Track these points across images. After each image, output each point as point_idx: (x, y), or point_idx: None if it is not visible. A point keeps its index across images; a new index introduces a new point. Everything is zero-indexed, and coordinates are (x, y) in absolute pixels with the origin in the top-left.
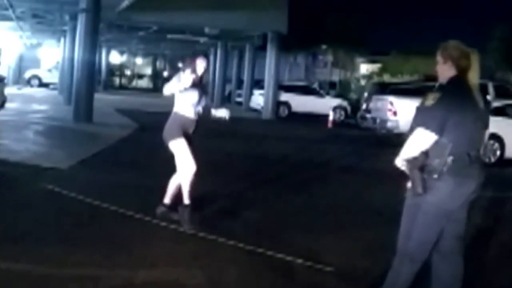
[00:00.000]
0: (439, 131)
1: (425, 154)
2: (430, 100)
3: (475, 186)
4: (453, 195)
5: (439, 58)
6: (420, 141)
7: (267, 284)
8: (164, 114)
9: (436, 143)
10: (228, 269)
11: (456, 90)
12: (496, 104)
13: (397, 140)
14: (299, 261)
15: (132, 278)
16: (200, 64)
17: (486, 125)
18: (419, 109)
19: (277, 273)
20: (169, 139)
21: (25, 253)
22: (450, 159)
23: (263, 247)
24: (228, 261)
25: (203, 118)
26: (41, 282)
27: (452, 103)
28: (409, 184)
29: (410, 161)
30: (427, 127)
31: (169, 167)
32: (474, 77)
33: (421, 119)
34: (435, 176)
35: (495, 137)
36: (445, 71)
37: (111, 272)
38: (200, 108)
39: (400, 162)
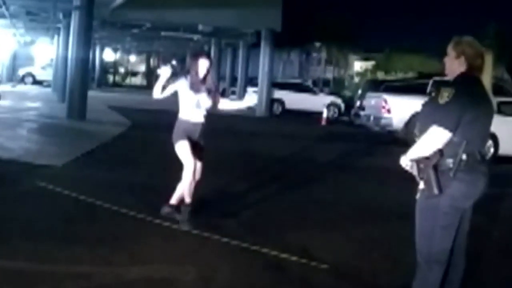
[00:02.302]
0: (455, 129)
1: (440, 152)
2: (445, 97)
3: (484, 184)
4: (468, 194)
5: (451, 51)
6: (436, 140)
7: (261, 281)
8: (157, 112)
9: (450, 141)
10: (222, 266)
11: (470, 86)
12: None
13: (391, 137)
14: (294, 258)
15: (126, 275)
16: (202, 64)
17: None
18: (431, 106)
19: (272, 271)
20: (174, 142)
21: (18, 251)
22: (464, 157)
23: (257, 245)
24: (222, 258)
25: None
26: (35, 279)
27: (467, 100)
28: (421, 185)
29: (423, 161)
30: (443, 125)
31: (162, 165)
32: (487, 78)
33: (436, 117)
34: (451, 175)
35: (490, 134)
36: (455, 66)
37: (105, 269)
38: (204, 110)
39: (405, 161)
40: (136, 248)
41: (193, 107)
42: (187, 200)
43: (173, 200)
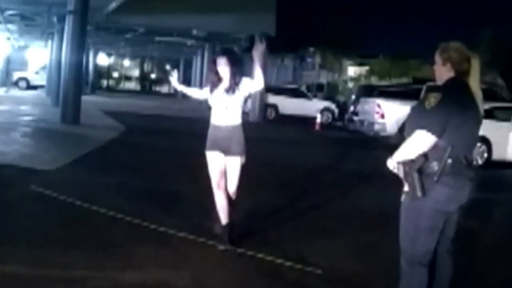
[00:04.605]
0: (440, 133)
1: (425, 156)
2: (431, 101)
3: (470, 189)
4: (452, 198)
5: (437, 59)
6: (420, 143)
7: (256, 286)
8: (151, 116)
9: (435, 145)
10: (216, 271)
11: (457, 91)
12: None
13: (384, 142)
14: (288, 263)
15: (120, 279)
16: (219, 62)
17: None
18: (418, 110)
19: (266, 276)
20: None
21: (12, 255)
22: (449, 161)
23: (252, 250)
24: (216, 263)
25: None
26: (29, 283)
27: (454, 105)
28: (405, 188)
29: (408, 164)
30: (428, 129)
31: (157, 169)
32: (474, 82)
33: (421, 121)
34: (435, 179)
35: (483, 139)
36: (443, 73)
37: (99, 274)
38: (231, 112)
39: (393, 164)
40: (131, 253)
41: (215, 109)
42: (223, 221)
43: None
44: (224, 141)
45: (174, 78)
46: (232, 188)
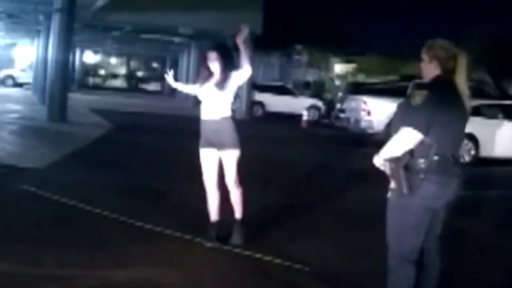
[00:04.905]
0: (426, 131)
1: (410, 153)
2: (417, 99)
3: (457, 186)
4: (438, 195)
5: (424, 56)
6: (406, 140)
7: (244, 283)
8: (138, 114)
9: (421, 142)
10: (205, 269)
11: (443, 89)
12: (472, 104)
13: (371, 139)
14: (277, 261)
15: (109, 278)
16: (209, 57)
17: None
18: (404, 108)
19: (255, 273)
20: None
21: (2, 254)
22: (435, 158)
23: (240, 247)
24: (205, 261)
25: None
26: (18, 282)
27: (440, 102)
28: (392, 185)
29: (394, 161)
30: (414, 126)
31: (144, 167)
32: (461, 79)
33: (407, 118)
34: (421, 176)
35: (470, 137)
36: (429, 71)
37: (89, 272)
38: (219, 106)
39: (379, 161)
40: (121, 251)
41: (204, 104)
42: (212, 218)
43: (237, 214)
44: (215, 136)
45: (170, 77)
46: (229, 182)
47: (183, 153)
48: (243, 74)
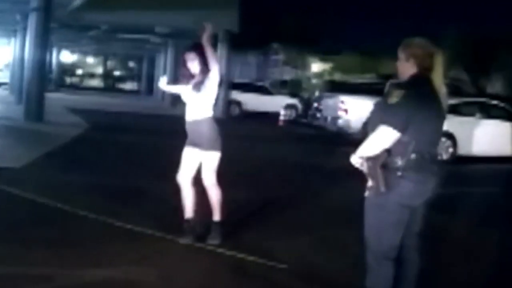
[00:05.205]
0: (403, 129)
1: (387, 152)
2: (394, 97)
3: (435, 184)
4: (416, 193)
5: (401, 55)
6: (383, 139)
7: (223, 282)
8: (115, 113)
9: (398, 140)
10: (184, 268)
11: (420, 88)
12: (449, 102)
13: (348, 138)
14: (251, 258)
15: (85, 277)
16: (187, 58)
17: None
18: (381, 106)
19: (234, 272)
20: None
21: None
22: (413, 157)
23: (219, 247)
24: (184, 260)
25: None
26: None
27: (417, 101)
28: (369, 183)
29: (372, 160)
30: (391, 125)
31: (122, 166)
32: (437, 77)
33: (384, 116)
34: (399, 174)
35: (448, 135)
36: (406, 69)
37: (66, 272)
38: (198, 107)
39: (356, 159)
40: (98, 251)
41: (187, 105)
42: (186, 215)
43: (215, 217)
44: (197, 137)
45: (163, 81)
46: (207, 183)
47: (161, 151)
48: (212, 72)
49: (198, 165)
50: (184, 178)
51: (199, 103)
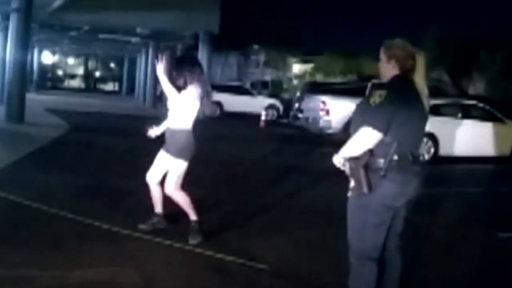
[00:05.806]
0: (385, 130)
1: (370, 152)
2: (377, 98)
3: (417, 184)
4: (398, 193)
5: (382, 56)
6: (366, 140)
7: (203, 283)
8: (96, 114)
9: (381, 142)
10: (163, 268)
11: (402, 89)
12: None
13: (329, 138)
14: (230, 258)
15: (67, 278)
16: (174, 75)
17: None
18: (363, 107)
19: (215, 272)
20: None
21: None
22: (395, 158)
23: (199, 247)
24: (163, 260)
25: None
26: None
27: (399, 101)
28: (352, 184)
29: (354, 160)
30: (373, 126)
31: (102, 167)
32: (419, 78)
33: (367, 117)
34: (382, 174)
35: (429, 135)
36: (388, 70)
37: (46, 273)
38: (172, 115)
39: (338, 160)
40: (78, 252)
41: (170, 111)
42: (156, 209)
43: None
44: (170, 143)
45: (160, 68)
46: (166, 188)
47: (141, 153)
48: (186, 92)
49: (167, 170)
50: (152, 178)
51: (180, 113)
